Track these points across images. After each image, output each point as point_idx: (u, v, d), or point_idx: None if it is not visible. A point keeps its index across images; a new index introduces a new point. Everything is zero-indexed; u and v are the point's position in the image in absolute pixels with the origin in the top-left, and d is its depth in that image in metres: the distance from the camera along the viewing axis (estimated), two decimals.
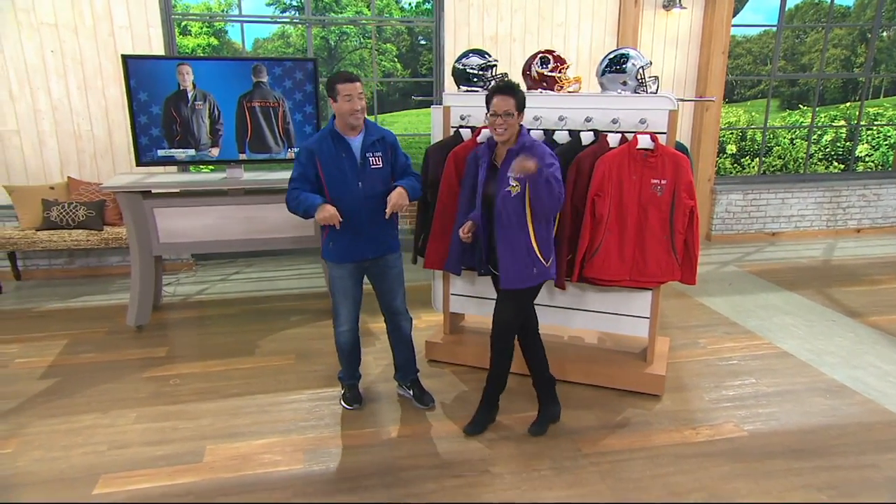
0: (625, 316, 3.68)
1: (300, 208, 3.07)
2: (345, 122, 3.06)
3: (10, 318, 4.75)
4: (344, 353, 3.43)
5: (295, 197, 3.09)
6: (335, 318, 3.35)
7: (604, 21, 6.25)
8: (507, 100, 2.79)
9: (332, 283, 3.30)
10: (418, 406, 3.48)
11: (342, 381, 3.54)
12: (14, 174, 5.50)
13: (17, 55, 5.24)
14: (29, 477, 2.79)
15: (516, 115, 2.82)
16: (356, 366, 3.52)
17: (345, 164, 3.10)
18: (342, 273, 3.24)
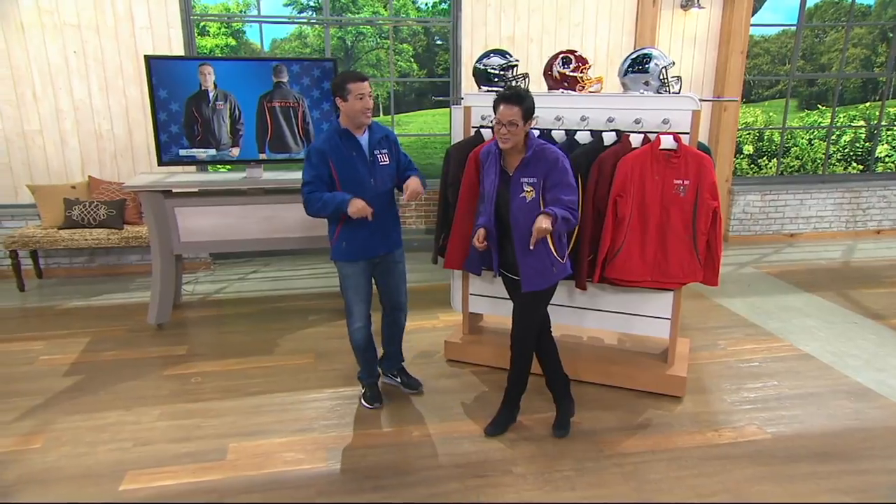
0: (645, 317, 3.66)
1: (328, 209, 3.08)
2: (354, 121, 3.10)
3: (34, 316, 4.81)
4: (360, 351, 3.45)
5: (318, 199, 3.10)
6: (349, 316, 3.38)
7: (621, 21, 6.22)
8: (512, 108, 2.77)
9: (343, 282, 3.32)
10: (408, 391, 3.61)
11: (362, 380, 3.56)
12: (36, 173, 5.56)
13: (41, 56, 5.30)
14: (57, 472, 2.83)
15: (521, 125, 2.80)
16: (374, 363, 3.54)
17: (357, 162, 3.14)
18: (355, 271, 3.27)
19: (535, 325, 3.11)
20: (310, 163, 3.12)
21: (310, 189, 3.12)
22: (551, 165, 2.83)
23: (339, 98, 3.05)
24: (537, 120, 3.56)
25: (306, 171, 3.14)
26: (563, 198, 2.80)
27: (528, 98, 2.82)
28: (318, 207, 3.11)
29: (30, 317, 4.80)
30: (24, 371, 3.84)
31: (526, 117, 2.81)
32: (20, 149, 5.48)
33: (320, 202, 3.09)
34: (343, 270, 3.30)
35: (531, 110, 2.82)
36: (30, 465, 2.88)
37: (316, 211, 3.13)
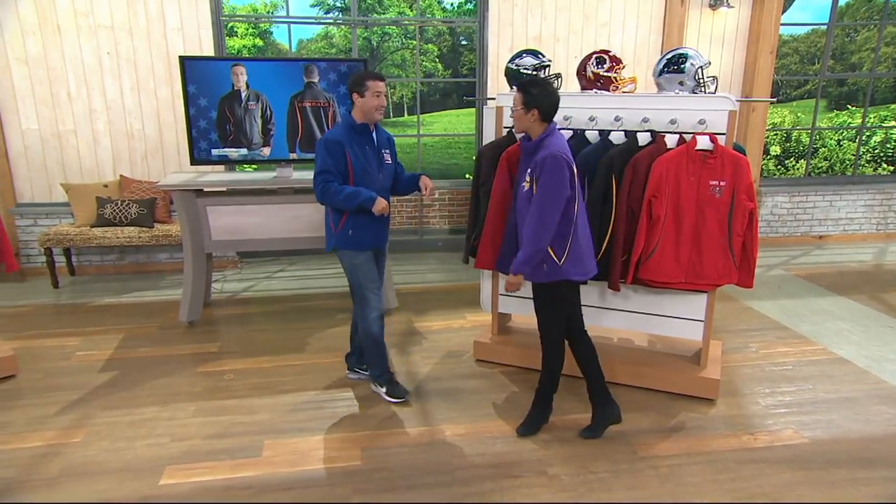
0: (678, 319, 3.64)
1: (351, 203, 3.16)
2: (367, 117, 3.22)
3: (68, 312, 4.90)
4: (378, 343, 3.44)
5: (340, 191, 3.16)
6: (364, 306, 3.37)
7: (649, 20, 6.18)
8: (516, 94, 2.91)
9: (355, 270, 3.34)
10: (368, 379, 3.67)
11: (379, 378, 3.54)
12: (70, 173, 5.66)
13: (76, 57, 5.39)
14: (99, 466, 2.88)
15: (521, 111, 2.88)
16: (387, 355, 3.55)
17: (370, 156, 3.27)
18: (365, 258, 3.35)
19: (553, 321, 3.09)
20: (329, 153, 3.17)
21: (326, 178, 3.18)
22: (540, 162, 2.84)
23: (357, 94, 3.18)
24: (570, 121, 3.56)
25: (322, 160, 3.19)
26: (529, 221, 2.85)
27: (535, 90, 2.85)
28: (339, 200, 3.17)
29: (64, 313, 4.89)
30: (62, 366, 3.91)
31: (527, 105, 2.85)
32: (55, 148, 5.58)
33: (343, 195, 3.16)
34: (353, 259, 3.34)
35: (534, 101, 2.84)
36: (72, 459, 2.93)
37: (336, 203, 3.20)
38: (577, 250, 2.93)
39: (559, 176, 2.79)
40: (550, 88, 2.90)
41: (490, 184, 3.64)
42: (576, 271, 2.95)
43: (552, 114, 2.91)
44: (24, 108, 5.43)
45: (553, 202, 2.80)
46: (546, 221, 2.81)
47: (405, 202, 6.57)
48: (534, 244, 2.83)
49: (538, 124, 2.91)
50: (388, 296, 4.83)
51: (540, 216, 2.82)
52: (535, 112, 2.87)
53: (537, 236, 2.83)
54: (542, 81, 2.96)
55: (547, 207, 2.81)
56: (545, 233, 2.83)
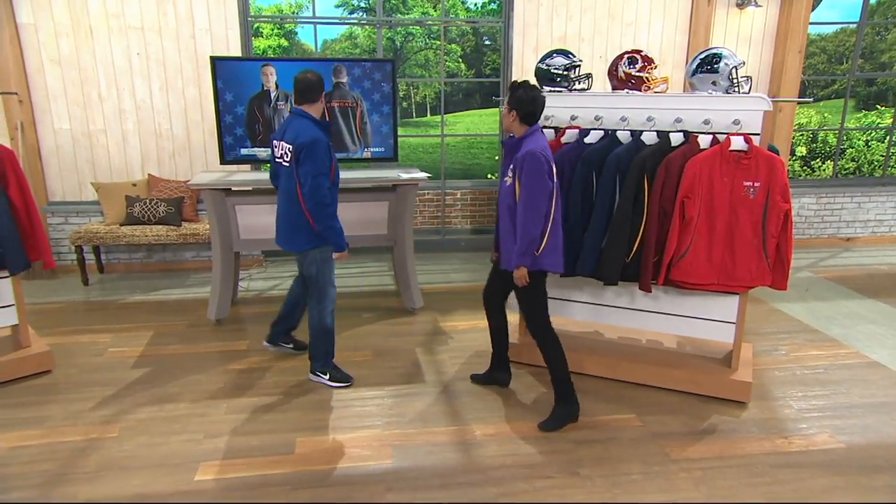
0: (709, 320, 3.61)
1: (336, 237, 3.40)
2: (320, 115, 3.45)
3: (99, 309, 4.97)
4: (331, 333, 3.65)
5: (334, 215, 3.37)
6: (323, 298, 3.56)
7: (675, 20, 6.13)
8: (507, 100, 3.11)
9: (323, 266, 3.50)
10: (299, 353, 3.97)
11: (324, 366, 3.70)
12: (99, 171, 5.75)
13: (107, 58, 5.47)
14: (136, 461, 2.92)
15: (506, 111, 3.10)
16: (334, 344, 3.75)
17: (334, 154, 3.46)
18: (330, 255, 3.53)
19: (537, 310, 3.26)
20: (326, 154, 3.29)
21: (327, 185, 3.31)
22: (520, 160, 3.01)
23: (323, 93, 3.40)
24: (601, 121, 3.54)
25: (318, 163, 3.24)
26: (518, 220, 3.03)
27: (520, 92, 3.04)
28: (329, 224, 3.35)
29: (94, 310, 4.96)
30: (95, 362, 3.97)
31: (510, 106, 3.07)
32: (85, 148, 5.67)
33: (335, 221, 3.38)
34: (321, 255, 3.50)
35: (515, 103, 3.04)
36: (109, 453, 2.98)
37: (324, 222, 3.33)
38: (553, 243, 3.11)
39: (539, 170, 2.98)
40: (534, 94, 3.05)
41: None
42: (550, 262, 3.12)
43: (531, 118, 3.08)
44: (57, 107, 5.52)
45: (538, 194, 2.99)
46: (535, 213, 2.99)
47: (427, 203, 6.59)
48: (527, 236, 3.00)
49: (518, 124, 3.10)
50: (414, 295, 4.85)
51: (528, 208, 2.99)
52: (515, 113, 3.07)
53: (528, 227, 3.00)
54: (529, 85, 3.09)
55: (532, 200, 2.99)
56: (535, 224, 3.01)
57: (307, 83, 3.31)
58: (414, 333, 4.48)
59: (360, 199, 4.66)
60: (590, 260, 3.50)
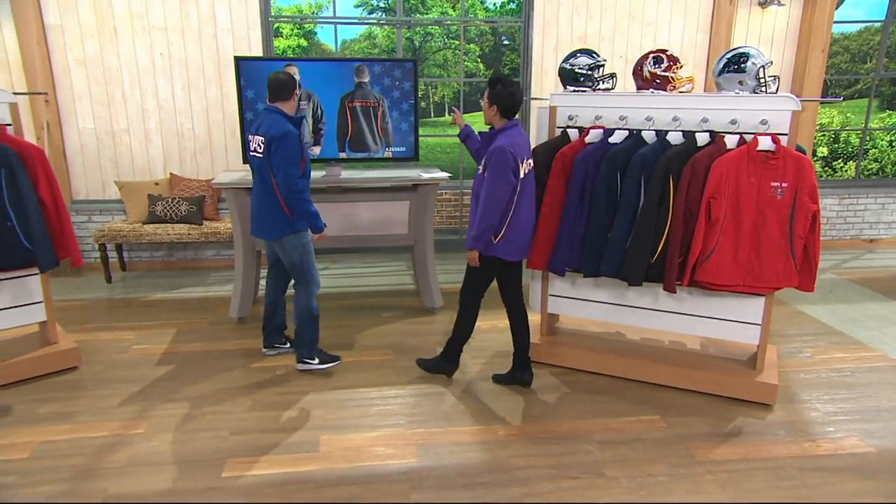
0: (733, 322, 3.58)
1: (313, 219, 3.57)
2: (294, 112, 3.61)
3: (122, 307, 5.03)
4: (317, 317, 3.81)
5: (308, 201, 3.52)
6: (309, 283, 3.73)
7: (696, 19, 6.09)
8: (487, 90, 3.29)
9: (304, 251, 3.67)
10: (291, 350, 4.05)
11: (311, 352, 3.84)
12: (122, 170, 5.81)
13: (131, 58, 5.53)
14: (164, 457, 2.95)
15: (486, 103, 3.29)
16: None
17: (305, 147, 3.69)
18: (309, 239, 3.69)
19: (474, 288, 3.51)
20: (299, 146, 3.45)
21: (301, 175, 3.47)
22: (490, 153, 3.21)
23: (295, 90, 3.58)
24: (626, 120, 3.53)
25: (292, 154, 3.42)
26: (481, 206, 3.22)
27: (499, 87, 3.22)
28: (305, 209, 3.51)
29: (118, 307, 5.02)
30: (120, 359, 4.01)
31: (490, 100, 3.25)
32: (109, 147, 5.74)
33: (311, 208, 3.53)
34: (303, 240, 3.67)
35: (496, 97, 3.23)
36: (137, 449, 3.01)
37: (300, 208, 3.49)
38: (512, 234, 3.30)
39: (505, 166, 3.16)
40: (512, 89, 3.22)
41: (543, 185, 3.63)
42: (505, 251, 3.33)
43: (510, 112, 3.26)
44: (81, 107, 5.59)
45: (499, 188, 3.18)
46: (495, 204, 3.20)
47: (444, 202, 6.59)
48: (483, 222, 3.22)
49: (498, 118, 3.28)
50: (434, 295, 4.86)
51: (487, 199, 3.19)
52: (495, 107, 3.25)
53: (486, 215, 3.21)
54: (508, 81, 3.25)
55: (493, 192, 3.18)
56: (493, 213, 3.21)
57: (280, 83, 3.52)
58: (434, 333, 4.48)
59: (381, 198, 4.67)
60: (614, 260, 3.48)
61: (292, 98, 3.57)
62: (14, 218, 3.40)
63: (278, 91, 3.53)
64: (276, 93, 3.54)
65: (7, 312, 3.64)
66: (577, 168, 3.51)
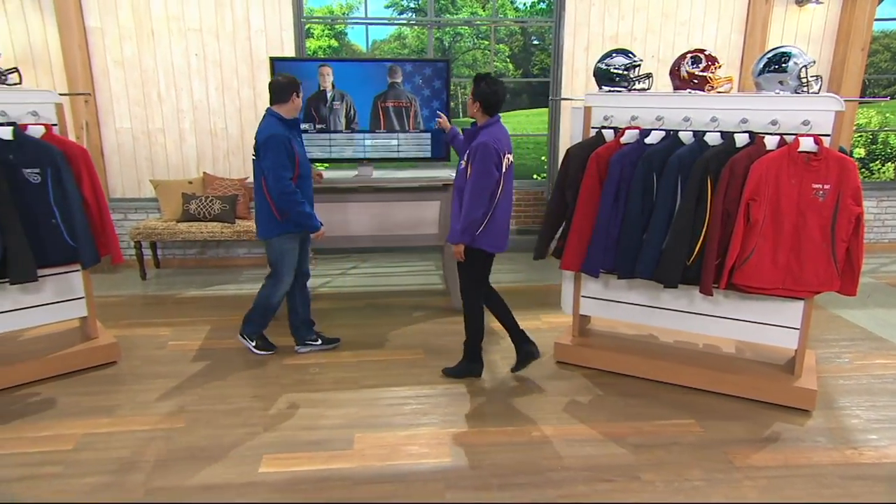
0: (770, 325, 3.52)
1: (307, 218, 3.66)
2: (294, 114, 3.70)
3: (158, 303, 5.12)
4: (272, 311, 4.01)
5: (300, 202, 3.60)
6: (278, 282, 3.89)
7: (730, 18, 6.00)
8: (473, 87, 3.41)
9: (283, 255, 3.80)
10: (329, 347, 4.15)
11: (253, 335, 4.05)
12: (157, 169, 5.92)
13: (167, 59, 5.64)
14: (203, 451, 3.00)
15: (470, 99, 3.40)
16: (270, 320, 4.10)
17: (302, 147, 3.74)
18: (294, 244, 3.82)
19: (471, 280, 3.60)
20: (284, 148, 3.53)
21: (289, 176, 3.56)
22: (474, 148, 3.32)
23: (295, 93, 3.63)
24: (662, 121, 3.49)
25: (277, 156, 3.51)
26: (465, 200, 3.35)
27: (483, 84, 3.34)
28: (296, 210, 3.61)
29: (154, 304, 5.12)
30: (157, 355, 4.09)
31: (474, 96, 3.36)
32: (144, 146, 5.85)
33: (302, 209, 3.62)
34: (286, 245, 3.80)
35: (479, 94, 3.34)
36: (177, 443, 3.07)
37: (291, 210, 3.59)
38: (493, 227, 3.42)
39: (488, 161, 3.28)
40: (495, 87, 3.34)
41: (578, 185, 3.62)
42: (488, 243, 3.44)
43: (493, 108, 3.38)
44: (119, 108, 5.71)
45: (484, 182, 3.30)
46: (478, 198, 3.31)
47: None
48: (469, 216, 3.33)
49: (481, 114, 3.40)
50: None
51: (473, 193, 3.30)
52: (478, 104, 3.36)
53: (471, 209, 3.32)
54: (492, 79, 3.36)
55: (478, 186, 3.29)
56: (478, 207, 3.32)
57: (277, 86, 3.62)
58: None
59: (412, 198, 4.70)
60: (649, 262, 3.45)
61: (290, 101, 3.63)
62: (59, 215, 3.49)
63: (276, 94, 3.62)
64: (273, 95, 3.63)
65: (50, 307, 3.73)
66: (612, 168, 3.49)
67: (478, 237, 3.42)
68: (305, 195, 3.71)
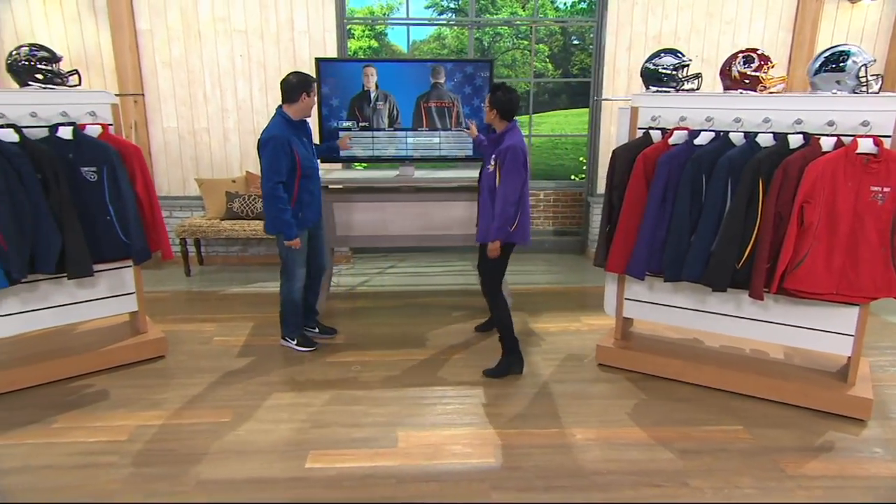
0: (822, 332, 3.42)
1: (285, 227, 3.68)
2: (304, 114, 3.74)
3: (202, 300, 5.23)
4: (298, 306, 4.07)
5: (285, 209, 3.64)
6: (291, 278, 3.94)
7: (778, 17, 5.86)
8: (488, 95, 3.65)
9: (289, 250, 3.83)
10: (325, 337, 4.29)
11: (292, 334, 4.11)
12: (202, 168, 6.05)
13: (213, 60, 5.76)
14: (249, 445, 3.05)
15: (487, 107, 3.63)
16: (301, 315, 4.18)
17: (309, 147, 3.78)
18: (302, 238, 3.84)
19: (496, 274, 3.78)
20: (282, 151, 3.56)
21: (279, 180, 3.60)
22: (503, 152, 3.50)
23: (305, 93, 3.65)
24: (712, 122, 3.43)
25: (274, 160, 3.54)
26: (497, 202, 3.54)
27: (499, 93, 3.57)
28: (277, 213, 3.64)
29: (198, 300, 5.23)
30: (203, 350, 4.18)
31: (492, 105, 3.59)
32: (190, 145, 5.98)
33: (285, 214, 3.64)
34: None
35: (496, 102, 3.57)
36: (224, 437, 3.12)
37: (274, 211, 3.64)
38: (522, 221, 3.65)
39: (517, 163, 3.49)
40: (510, 95, 3.56)
41: (623, 187, 3.58)
42: (519, 236, 3.66)
43: (509, 115, 3.60)
44: (166, 107, 5.85)
45: (515, 182, 3.52)
46: (512, 197, 3.53)
47: None
48: (504, 215, 3.53)
49: (498, 120, 3.62)
50: None
51: (507, 193, 3.51)
52: (495, 111, 3.58)
53: (506, 208, 3.52)
54: (507, 88, 3.57)
55: (511, 186, 3.51)
56: (511, 205, 3.53)
57: (287, 85, 3.66)
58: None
59: (451, 198, 4.70)
60: (697, 265, 3.39)
61: (299, 100, 3.65)
62: (113, 213, 3.58)
63: (285, 93, 3.67)
64: (284, 94, 3.67)
65: (104, 302, 3.84)
66: (659, 170, 3.44)
67: (511, 233, 3.60)
68: (308, 192, 3.78)
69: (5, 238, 3.19)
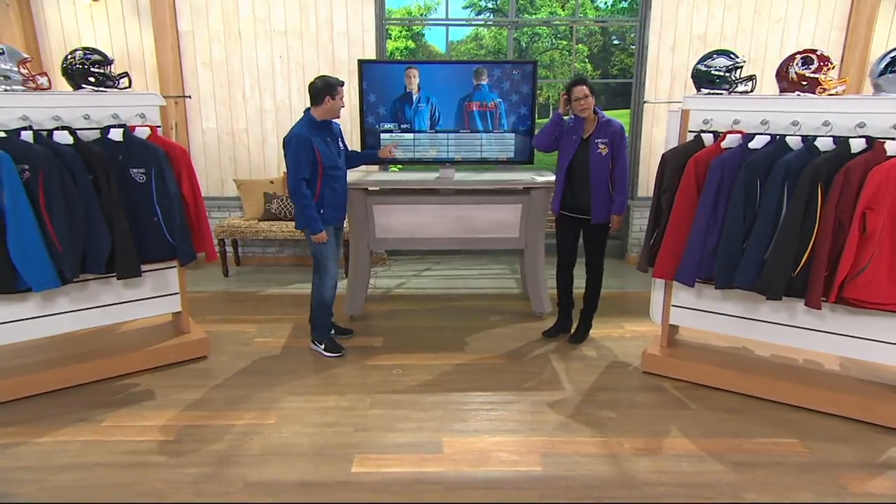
0: (884, 343, 3.29)
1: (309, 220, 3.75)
2: (331, 115, 3.83)
3: (241, 300, 5.27)
4: (328, 307, 4.10)
5: (309, 204, 3.72)
6: (324, 275, 3.99)
7: (830, 15, 5.69)
8: (582, 88, 3.87)
9: (320, 245, 3.89)
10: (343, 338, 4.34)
11: (320, 337, 4.13)
12: (240, 169, 6.10)
13: (252, 61, 5.80)
14: (294, 448, 3.05)
15: (591, 97, 3.88)
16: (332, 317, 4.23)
17: (333, 147, 3.87)
18: (330, 234, 3.92)
19: (603, 248, 4.18)
20: (304, 150, 3.66)
21: (302, 177, 3.69)
22: (616, 132, 3.91)
23: (329, 97, 3.73)
24: (768, 125, 3.33)
25: (297, 159, 3.65)
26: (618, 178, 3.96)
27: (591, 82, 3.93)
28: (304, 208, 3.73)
29: (237, 301, 5.26)
30: (245, 351, 4.20)
31: (592, 92, 3.88)
32: (228, 146, 6.04)
33: (309, 210, 3.73)
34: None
35: (593, 87, 3.92)
36: (269, 439, 3.13)
37: (300, 207, 3.74)
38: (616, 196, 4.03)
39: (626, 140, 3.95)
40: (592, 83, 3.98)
41: (673, 191, 3.49)
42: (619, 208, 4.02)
43: None
44: (206, 108, 5.91)
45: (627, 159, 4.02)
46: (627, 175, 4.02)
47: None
48: (626, 191, 4.02)
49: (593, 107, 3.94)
50: (543, 300, 4.79)
51: (624, 171, 3.96)
52: (594, 98, 3.91)
53: (626, 186, 4.01)
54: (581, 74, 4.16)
55: (626, 164, 4.00)
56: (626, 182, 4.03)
57: (313, 88, 3.77)
58: (545, 339, 4.41)
59: (494, 201, 4.65)
60: (750, 272, 3.29)
61: (323, 103, 3.75)
62: (160, 214, 3.62)
63: (312, 96, 3.79)
64: (311, 97, 3.79)
65: (149, 302, 3.88)
66: (711, 174, 3.35)
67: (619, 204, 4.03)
68: (331, 189, 3.85)
69: (59, 239, 3.24)
